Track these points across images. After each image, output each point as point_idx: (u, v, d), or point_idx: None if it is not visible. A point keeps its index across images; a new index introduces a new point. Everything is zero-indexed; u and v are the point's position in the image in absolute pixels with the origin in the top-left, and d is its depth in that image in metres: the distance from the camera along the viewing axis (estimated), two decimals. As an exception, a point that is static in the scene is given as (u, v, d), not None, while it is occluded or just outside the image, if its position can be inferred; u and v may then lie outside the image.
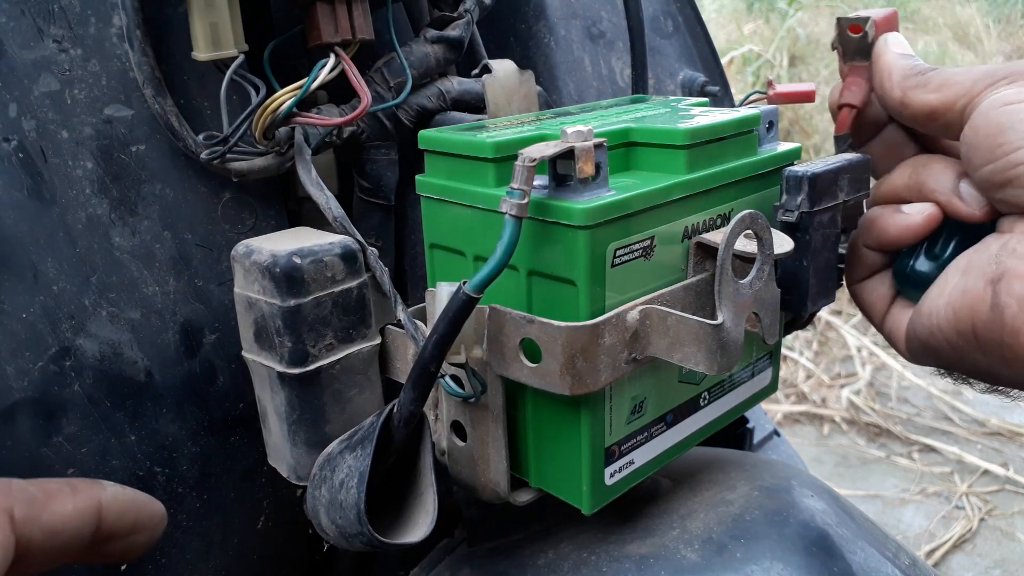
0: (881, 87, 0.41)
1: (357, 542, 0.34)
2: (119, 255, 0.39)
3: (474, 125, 0.40)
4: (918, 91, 0.40)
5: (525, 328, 0.33)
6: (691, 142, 0.36)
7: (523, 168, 0.30)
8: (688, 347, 0.33)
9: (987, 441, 1.76)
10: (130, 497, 0.32)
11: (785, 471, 0.46)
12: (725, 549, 0.38)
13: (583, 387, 0.33)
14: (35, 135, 0.37)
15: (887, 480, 1.66)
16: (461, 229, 0.37)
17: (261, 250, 0.36)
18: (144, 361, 0.39)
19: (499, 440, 0.36)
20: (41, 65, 0.37)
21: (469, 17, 0.46)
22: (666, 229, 0.35)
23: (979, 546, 1.49)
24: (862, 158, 0.42)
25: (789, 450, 0.75)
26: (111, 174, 0.39)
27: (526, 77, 0.46)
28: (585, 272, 0.32)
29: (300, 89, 0.38)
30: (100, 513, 0.30)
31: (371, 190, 0.47)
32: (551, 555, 0.40)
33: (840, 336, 2.17)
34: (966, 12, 3.61)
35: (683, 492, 0.43)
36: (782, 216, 0.39)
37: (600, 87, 0.60)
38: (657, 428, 0.39)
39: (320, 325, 0.36)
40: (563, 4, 0.59)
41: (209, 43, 0.38)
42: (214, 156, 0.39)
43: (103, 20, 0.39)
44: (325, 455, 0.37)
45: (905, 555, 0.43)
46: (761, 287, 0.34)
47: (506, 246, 0.31)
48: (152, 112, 0.39)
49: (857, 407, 1.88)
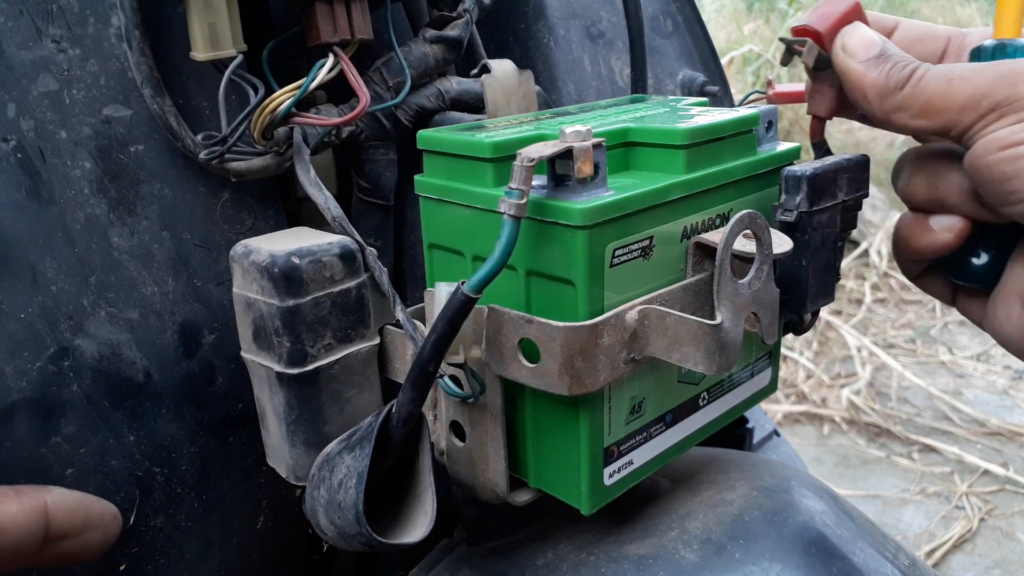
0: (860, 106, 0.40)
1: (356, 542, 0.34)
2: (118, 255, 0.39)
3: (473, 125, 0.39)
4: (900, 115, 0.38)
5: (523, 328, 0.33)
6: (690, 142, 0.35)
7: (521, 168, 0.30)
8: (687, 347, 0.33)
9: (987, 441, 1.76)
10: (78, 498, 0.33)
11: (785, 471, 0.46)
12: (724, 549, 0.38)
13: (582, 387, 0.32)
14: (34, 135, 0.37)
15: (887, 480, 1.66)
16: (460, 229, 0.37)
17: (260, 250, 0.36)
18: (143, 361, 0.39)
19: (498, 440, 0.36)
20: (40, 65, 0.37)
21: (468, 17, 0.46)
22: (665, 229, 0.35)
23: (979, 546, 1.48)
24: (861, 158, 0.42)
25: (789, 450, 0.75)
26: (110, 174, 0.39)
27: (525, 77, 0.46)
28: (584, 272, 0.32)
29: (299, 89, 0.38)
30: (47, 512, 0.31)
31: (370, 190, 0.47)
32: (550, 555, 0.40)
33: (840, 336, 2.17)
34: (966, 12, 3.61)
35: (682, 492, 0.43)
36: (781, 216, 0.39)
37: (599, 87, 0.60)
38: (656, 428, 0.39)
39: (319, 325, 0.36)
40: (562, 4, 0.59)
41: (208, 43, 0.38)
42: (213, 156, 0.39)
43: (101, 20, 0.39)
44: (324, 455, 0.37)
45: (904, 555, 0.42)
46: (760, 287, 0.34)
47: (504, 246, 0.30)
48: (151, 112, 0.39)
49: (857, 407, 1.88)
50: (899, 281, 2.45)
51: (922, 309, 2.35)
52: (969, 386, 1.97)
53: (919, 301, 2.38)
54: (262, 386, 0.39)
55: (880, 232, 2.58)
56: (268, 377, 0.37)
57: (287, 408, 0.37)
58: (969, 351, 2.12)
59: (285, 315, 0.35)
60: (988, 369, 2.03)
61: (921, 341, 2.18)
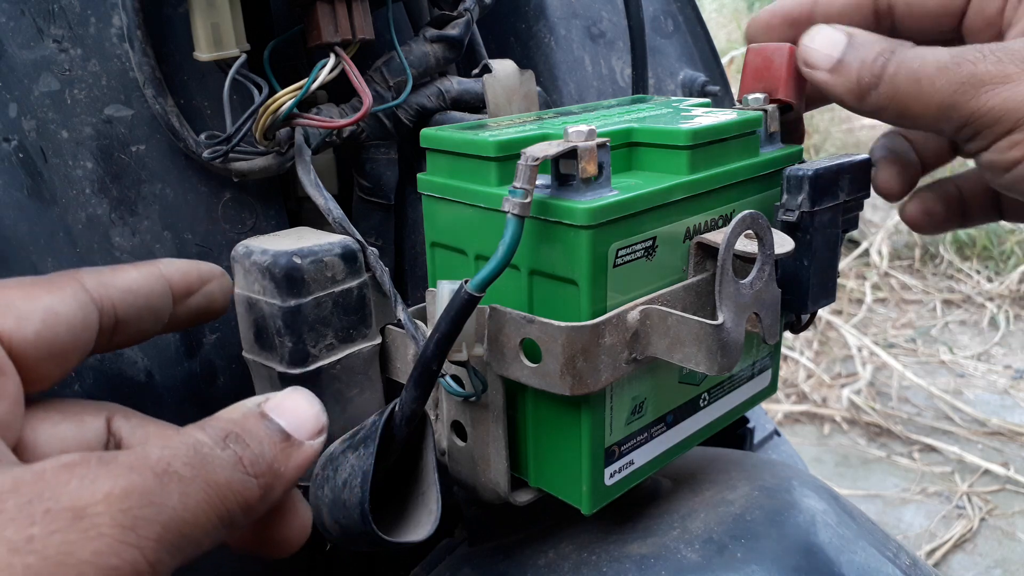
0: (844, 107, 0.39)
1: (361, 542, 0.34)
2: (119, 255, 0.39)
3: (476, 124, 0.39)
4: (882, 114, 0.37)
5: (525, 328, 0.33)
6: (693, 143, 0.35)
7: (526, 167, 0.30)
8: (688, 347, 0.33)
9: (988, 441, 1.76)
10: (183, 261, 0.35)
11: (785, 471, 0.46)
12: (726, 549, 0.38)
13: (583, 387, 0.32)
14: (35, 135, 0.37)
15: (887, 480, 1.66)
16: (462, 228, 0.37)
17: (261, 250, 0.36)
18: (144, 361, 0.39)
19: (499, 440, 0.36)
20: (41, 65, 0.37)
21: (469, 16, 0.46)
22: (668, 229, 0.35)
23: (980, 546, 1.48)
24: (862, 158, 0.42)
25: (789, 450, 0.75)
26: (111, 174, 0.39)
27: (526, 77, 0.46)
28: (587, 272, 0.32)
29: (300, 90, 0.38)
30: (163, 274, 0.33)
31: (371, 189, 0.47)
32: (551, 555, 0.40)
33: (840, 336, 2.17)
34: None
35: (683, 492, 0.43)
36: (783, 216, 0.39)
37: (600, 87, 0.60)
38: (657, 428, 0.39)
39: (320, 325, 0.36)
40: (563, 4, 0.59)
41: (211, 43, 0.38)
42: (216, 155, 0.39)
43: (103, 20, 0.39)
44: (327, 455, 0.37)
45: (905, 555, 0.42)
46: (762, 287, 0.34)
47: (508, 245, 0.30)
48: (152, 112, 0.39)
49: (858, 407, 1.88)
50: (899, 281, 2.45)
51: (923, 309, 2.35)
52: (970, 386, 1.97)
53: (919, 301, 2.39)
54: (264, 386, 0.39)
55: (880, 232, 2.58)
56: (270, 377, 0.37)
57: (289, 408, 0.37)
58: (970, 351, 2.12)
59: (287, 315, 0.35)
60: (989, 369, 2.03)
61: (922, 341, 2.18)
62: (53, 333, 0.27)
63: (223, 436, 0.26)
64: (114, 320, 0.30)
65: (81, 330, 0.28)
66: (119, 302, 0.30)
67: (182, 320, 0.34)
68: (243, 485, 0.25)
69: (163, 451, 0.24)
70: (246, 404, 0.29)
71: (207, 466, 0.25)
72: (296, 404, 0.29)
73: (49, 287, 0.28)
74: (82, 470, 0.22)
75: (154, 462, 0.23)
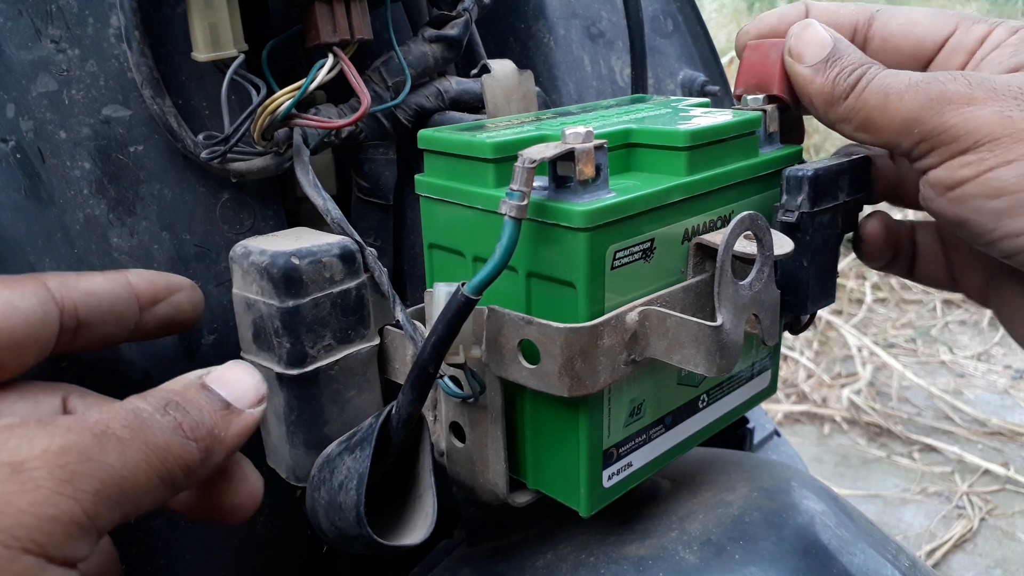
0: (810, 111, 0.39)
1: (357, 544, 0.34)
2: (117, 256, 0.39)
3: (473, 125, 0.39)
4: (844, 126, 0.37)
5: (524, 329, 0.33)
6: (692, 144, 0.35)
7: (523, 169, 0.30)
8: (687, 348, 0.32)
9: (988, 441, 1.76)
10: (153, 272, 0.36)
11: (785, 472, 0.46)
12: (724, 551, 0.38)
13: (582, 389, 0.32)
14: (33, 135, 0.37)
15: (887, 480, 1.66)
16: (460, 229, 0.37)
17: (259, 251, 0.36)
18: (142, 361, 0.39)
19: (498, 441, 0.36)
20: (39, 65, 0.37)
21: (468, 16, 0.46)
22: (666, 231, 0.35)
23: (980, 546, 1.48)
24: (862, 158, 0.41)
25: (789, 450, 0.75)
26: (109, 174, 0.38)
27: (525, 77, 0.46)
28: (585, 274, 0.32)
29: (298, 90, 0.38)
30: (130, 282, 0.34)
31: (369, 190, 0.46)
32: (550, 556, 0.40)
33: (840, 336, 2.17)
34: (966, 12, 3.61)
35: (682, 493, 0.43)
36: (782, 216, 0.39)
37: (600, 87, 0.60)
38: (656, 430, 0.38)
39: (319, 326, 0.36)
40: (562, 4, 0.59)
41: (209, 43, 0.38)
42: (215, 156, 0.39)
43: (101, 20, 0.38)
44: (324, 456, 0.37)
45: (905, 556, 0.42)
46: (761, 288, 0.34)
47: (505, 247, 0.30)
48: (150, 113, 0.39)
49: (858, 407, 1.88)
50: (899, 281, 2.45)
51: (923, 309, 2.35)
52: (970, 386, 1.97)
53: (919, 301, 2.38)
54: (262, 387, 0.39)
55: (881, 232, 2.58)
56: (268, 378, 0.37)
57: (287, 409, 0.37)
58: (970, 351, 2.12)
59: (285, 316, 0.35)
60: (989, 369, 2.03)
61: (922, 341, 2.18)
62: (9, 325, 0.29)
63: (163, 404, 0.28)
64: (76, 321, 0.31)
65: (39, 326, 0.30)
66: (81, 304, 0.32)
67: (150, 328, 0.35)
68: (183, 448, 0.27)
69: (102, 415, 0.26)
70: (188, 376, 0.31)
71: (146, 429, 0.26)
72: (236, 375, 0.31)
73: (10, 283, 0.30)
74: (21, 430, 0.24)
75: (92, 424, 0.25)
